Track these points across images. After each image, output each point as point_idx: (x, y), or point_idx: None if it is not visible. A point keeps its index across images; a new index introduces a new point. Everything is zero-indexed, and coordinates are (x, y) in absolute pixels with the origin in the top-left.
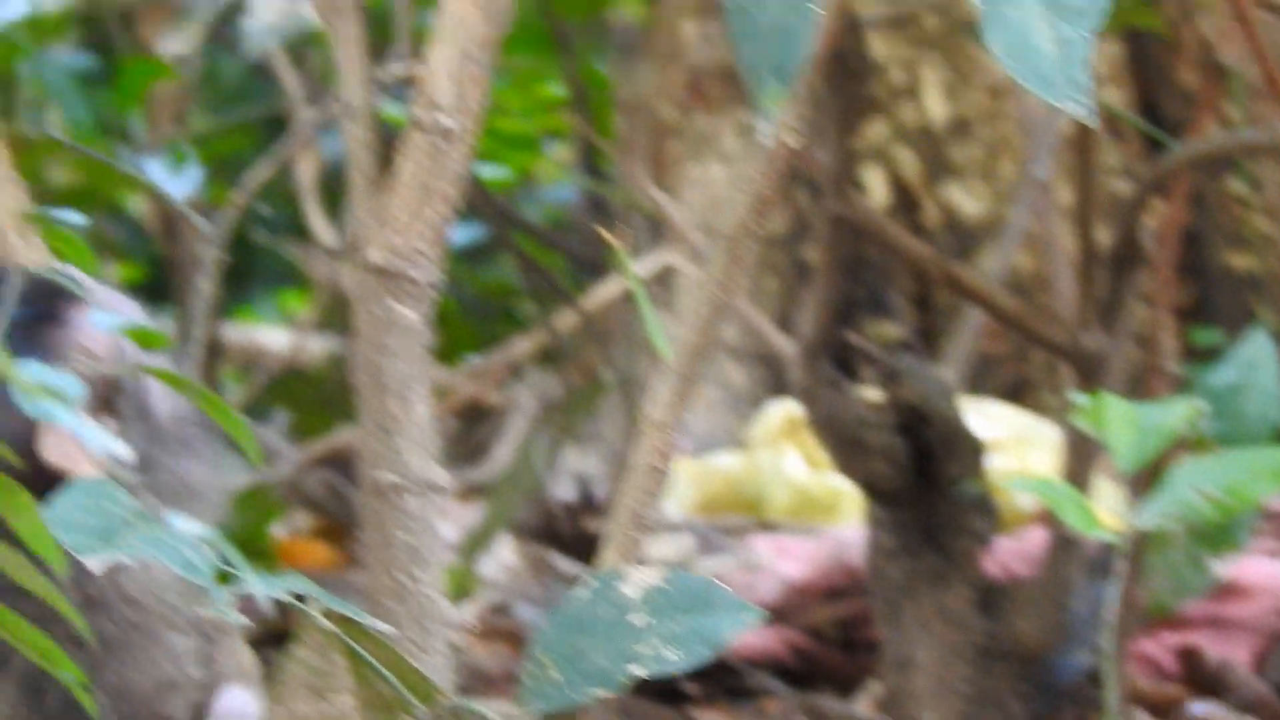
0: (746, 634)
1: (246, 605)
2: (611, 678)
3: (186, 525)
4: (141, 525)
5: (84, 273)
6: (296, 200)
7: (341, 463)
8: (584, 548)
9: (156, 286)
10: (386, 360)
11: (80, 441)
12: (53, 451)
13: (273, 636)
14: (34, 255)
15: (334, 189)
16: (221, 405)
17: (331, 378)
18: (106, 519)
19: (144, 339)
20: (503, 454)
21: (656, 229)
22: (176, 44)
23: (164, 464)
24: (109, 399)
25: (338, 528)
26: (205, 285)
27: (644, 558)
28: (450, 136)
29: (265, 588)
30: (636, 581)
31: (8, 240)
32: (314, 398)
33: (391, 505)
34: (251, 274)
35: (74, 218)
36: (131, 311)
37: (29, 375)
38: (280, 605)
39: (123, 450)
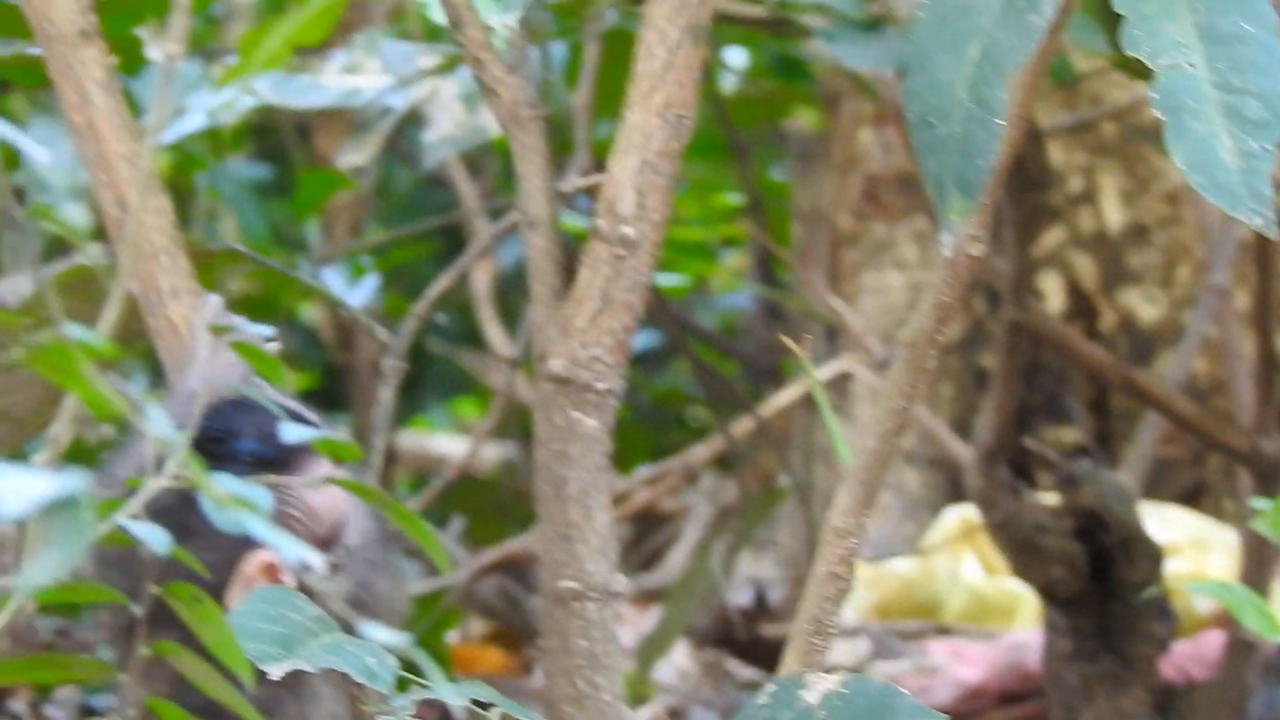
0: None
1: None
2: None
3: (379, 633)
4: (323, 633)
5: (271, 384)
6: (471, 308)
7: (515, 569)
8: (760, 653)
9: (330, 394)
10: (568, 469)
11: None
12: (235, 603)
13: None
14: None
15: (508, 297)
16: (411, 517)
17: (505, 485)
18: (289, 627)
19: (335, 451)
20: (678, 559)
21: (833, 336)
22: (354, 156)
23: (352, 578)
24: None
25: (511, 633)
26: (385, 395)
27: (825, 664)
28: (632, 246)
29: (452, 695)
30: (817, 687)
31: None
32: (488, 505)
33: (572, 612)
34: (425, 382)
35: (261, 329)
36: (317, 424)
37: (222, 487)
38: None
39: (317, 561)
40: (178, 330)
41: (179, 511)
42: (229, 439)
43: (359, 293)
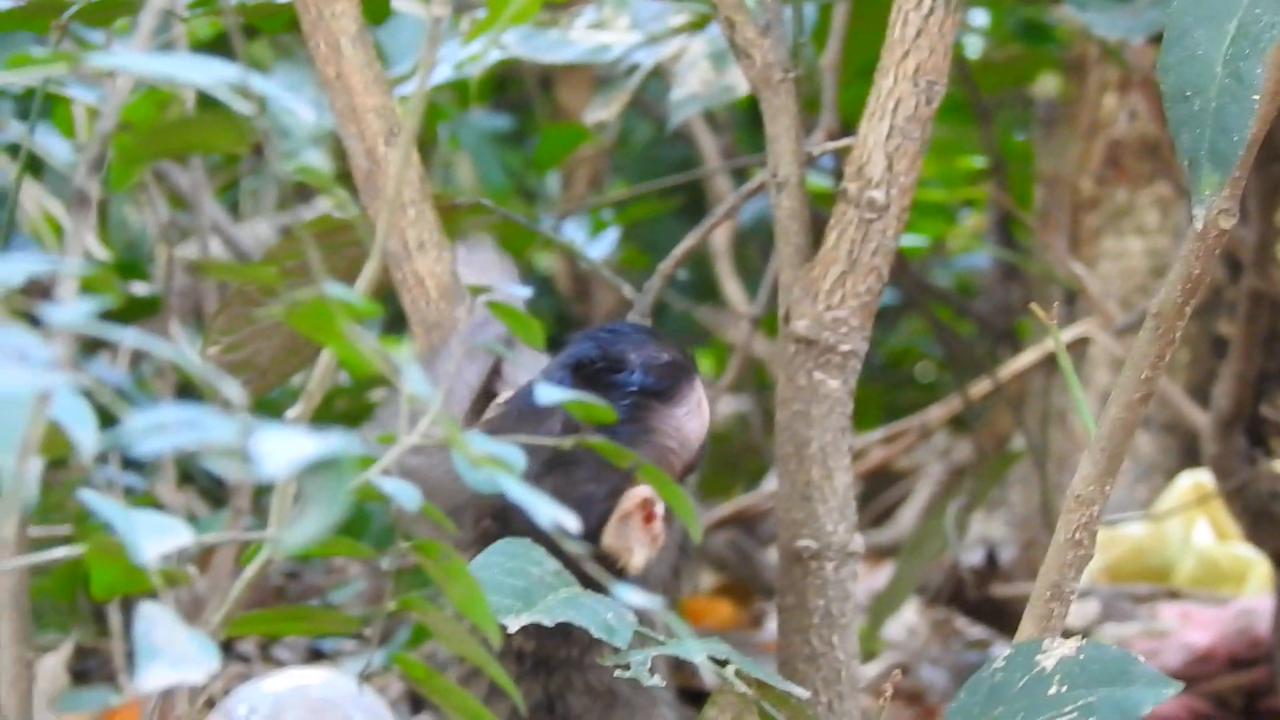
0: None
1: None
2: None
3: (633, 595)
4: (562, 587)
5: (529, 343)
6: (709, 263)
7: (747, 523)
8: (989, 612)
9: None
10: (809, 429)
11: (635, 532)
12: (614, 536)
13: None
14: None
15: (746, 253)
16: (666, 480)
17: (738, 439)
18: (528, 580)
19: (589, 413)
20: (910, 517)
21: (1071, 300)
22: (601, 112)
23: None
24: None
25: (742, 587)
26: None
27: (1060, 630)
28: (880, 210)
29: (692, 651)
30: (1053, 653)
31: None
32: (721, 458)
33: (809, 571)
34: None
35: (519, 290)
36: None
37: (476, 446)
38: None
39: (571, 522)
40: (423, 283)
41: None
42: (618, 370)
43: (599, 246)
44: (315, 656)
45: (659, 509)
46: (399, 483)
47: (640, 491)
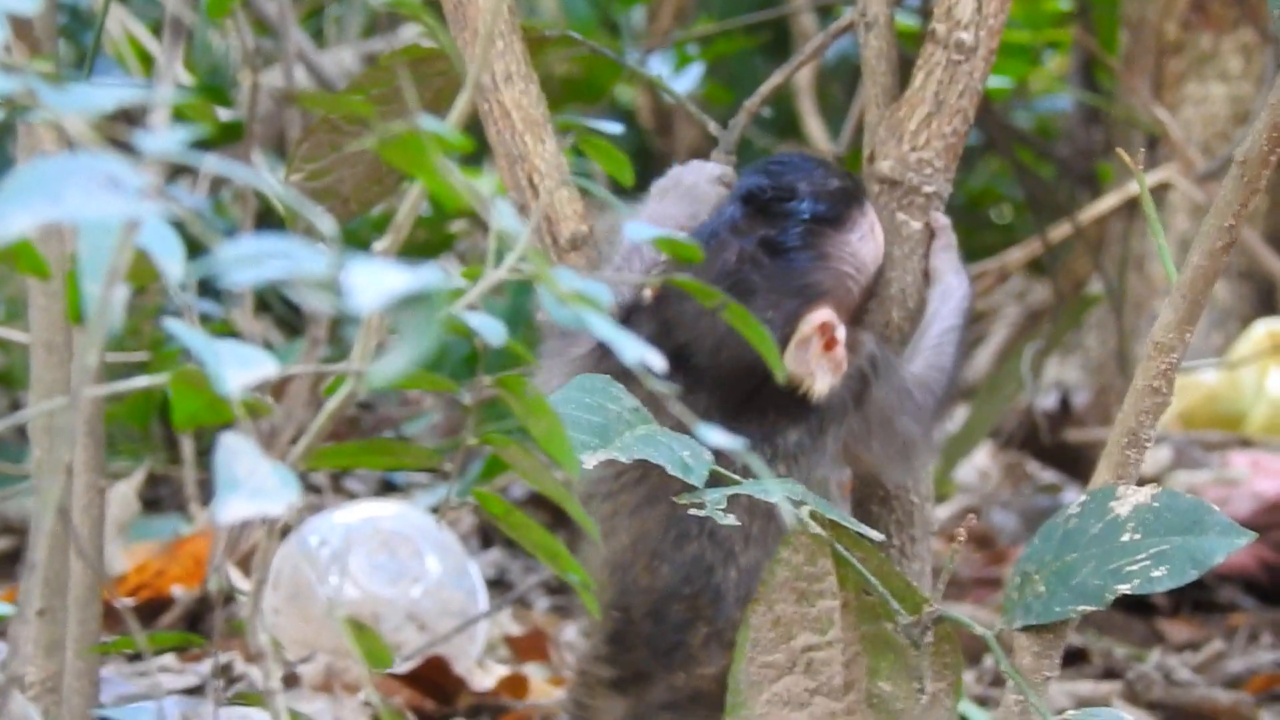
0: None
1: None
2: (1099, 595)
3: (717, 436)
4: (640, 424)
5: (620, 181)
6: (791, 100)
7: None
8: (1062, 457)
9: (646, 179)
10: (891, 269)
11: (815, 357)
12: (794, 361)
13: None
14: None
15: (828, 90)
16: (751, 321)
17: None
18: (606, 417)
19: (677, 250)
20: (985, 360)
21: (1153, 145)
22: None
23: (889, 409)
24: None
25: None
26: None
27: (1137, 477)
28: (968, 52)
29: (769, 492)
30: (1128, 499)
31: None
32: None
33: None
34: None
35: (610, 126)
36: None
37: (564, 282)
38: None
39: (656, 361)
40: (509, 115)
41: (746, 271)
42: (788, 199)
43: (684, 81)
44: (387, 489)
45: (840, 334)
46: (483, 316)
47: (819, 316)
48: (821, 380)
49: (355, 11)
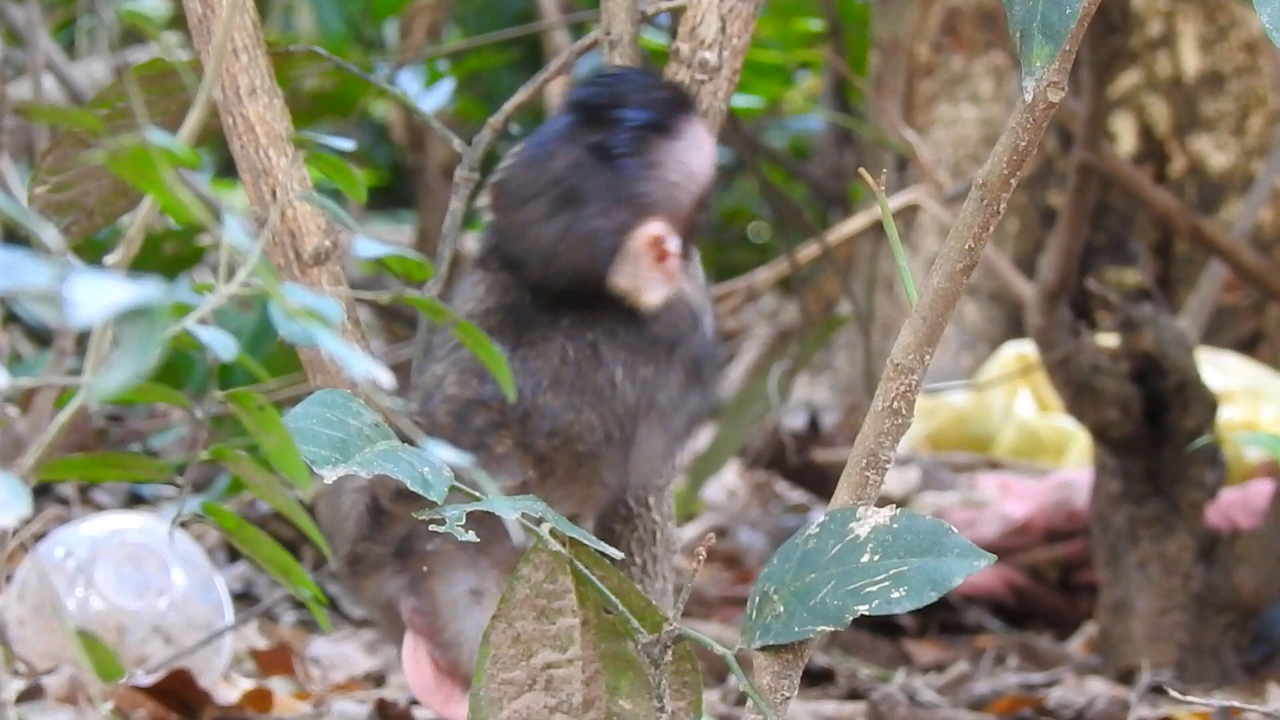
0: None
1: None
2: (838, 615)
3: (443, 452)
4: (379, 439)
5: (351, 195)
6: (545, 118)
7: None
8: (810, 477)
9: (398, 193)
10: None
11: (647, 271)
12: (623, 279)
13: None
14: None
15: None
16: (479, 335)
17: None
18: (346, 432)
19: (406, 267)
20: (734, 379)
21: (903, 166)
22: None
23: (670, 378)
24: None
25: None
26: (456, 204)
27: (876, 498)
28: (712, 71)
29: (504, 508)
30: (867, 521)
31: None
32: None
33: None
34: None
35: (341, 143)
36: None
37: (292, 299)
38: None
39: (384, 377)
40: (253, 129)
41: (575, 178)
42: (618, 105)
43: (434, 96)
44: (135, 501)
45: (672, 246)
46: (214, 331)
47: (651, 228)
48: (652, 293)
49: (108, 24)
